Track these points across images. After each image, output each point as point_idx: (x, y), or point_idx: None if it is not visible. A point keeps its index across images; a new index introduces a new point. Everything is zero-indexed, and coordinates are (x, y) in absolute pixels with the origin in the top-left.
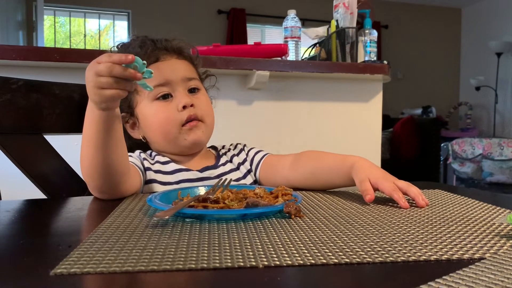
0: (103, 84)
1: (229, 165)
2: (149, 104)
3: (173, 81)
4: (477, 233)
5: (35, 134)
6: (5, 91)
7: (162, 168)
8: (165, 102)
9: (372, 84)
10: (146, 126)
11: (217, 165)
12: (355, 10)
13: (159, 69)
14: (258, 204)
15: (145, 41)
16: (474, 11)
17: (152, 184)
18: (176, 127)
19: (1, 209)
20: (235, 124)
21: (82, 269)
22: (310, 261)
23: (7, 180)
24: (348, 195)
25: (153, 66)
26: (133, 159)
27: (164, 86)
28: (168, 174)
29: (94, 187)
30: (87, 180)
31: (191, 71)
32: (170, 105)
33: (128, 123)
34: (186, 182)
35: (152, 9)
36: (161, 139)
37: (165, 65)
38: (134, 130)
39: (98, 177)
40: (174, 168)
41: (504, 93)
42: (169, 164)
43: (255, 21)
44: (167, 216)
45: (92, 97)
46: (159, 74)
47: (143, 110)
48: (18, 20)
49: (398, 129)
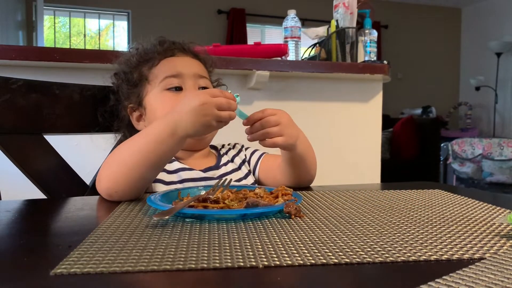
0: (221, 118)
1: (231, 165)
2: (159, 94)
3: (185, 74)
4: (477, 233)
5: (35, 134)
6: (5, 91)
7: (166, 167)
8: (174, 93)
9: (372, 84)
10: (152, 116)
11: (219, 165)
12: (355, 10)
13: (173, 61)
14: (258, 204)
15: (165, 39)
16: (474, 11)
17: (156, 183)
18: None
19: (1, 209)
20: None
21: (82, 269)
22: (310, 261)
23: (7, 180)
24: (348, 195)
25: (168, 60)
26: None
27: (175, 78)
28: (171, 173)
29: (112, 191)
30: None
31: (204, 71)
32: (179, 97)
33: (134, 112)
34: (189, 182)
35: (152, 9)
36: None
37: (179, 59)
38: (139, 122)
39: (127, 187)
40: (178, 167)
41: (504, 93)
42: (172, 163)
43: (255, 21)
44: (167, 216)
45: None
46: (172, 66)
47: (152, 100)
48: (18, 20)
49: (398, 129)
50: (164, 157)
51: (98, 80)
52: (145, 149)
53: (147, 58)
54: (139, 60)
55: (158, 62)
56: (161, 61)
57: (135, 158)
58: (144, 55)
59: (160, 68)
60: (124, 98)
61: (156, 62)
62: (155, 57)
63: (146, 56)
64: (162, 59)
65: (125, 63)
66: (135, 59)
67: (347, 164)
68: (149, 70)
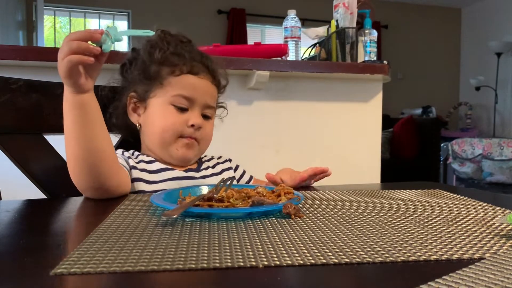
0: (66, 53)
1: (211, 170)
2: (164, 104)
3: (197, 101)
4: (477, 233)
5: (35, 134)
6: (5, 91)
7: (147, 167)
8: (178, 111)
9: (372, 84)
10: (151, 120)
11: (199, 169)
12: (355, 10)
13: (193, 83)
14: (264, 203)
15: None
16: (474, 11)
17: (138, 183)
18: (175, 135)
19: (1, 209)
20: (235, 124)
21: (82, 269)
22: (310, 261)
23: (7, 180)
24: (348, 195)
25: (189, 77)
26: (118, 158)
27: (186, 100)
28: (153, 173)
29: (83, 185)
30: (76, 179)
31: (214, 100)
32: (181, 116)
33: (132, 102)
34: (171, 181)
35: (152, 9)
36: (156, 139)
37: (199, 82)
38: (134, 113)
39: (84, 171)
40: (159, 167)
41: (504, 93)
42: (154, 163)
43: (255, 21)
44: (175, 214)
45: (62, 73)
46: (191, 87)
47: (157, 106)
48: (18, 20)
49: (398, 129)
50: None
51: (98, 80)
52: (67, 127)
53: (171, 62)
54: (163, 59)
55: (180, 73)
56: (182, 75)
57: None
58: (170, 56)
59: (179, 81)
60: (130, 82)
61: (178, 73)
62: (180, 66)
63: (172, 58)
64: (185, 73)
65: (149, 53)
66: (160, 56)
67: (347, 164)
68: (168, 75)
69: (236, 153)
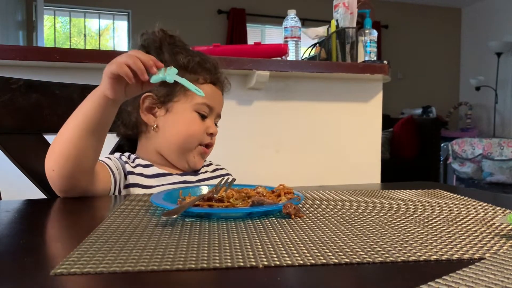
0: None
1: (209, 173)
2: (189, 110)
3: (215, 111)
4: (477, 233)
5: (35, 134)
6: (5, 91)
7: (144, 172)
8: (201, 119)
9: (372, 84)
10: (173, 124)
11: (197, 173)
12: (355, 10)
13: (214, 93)
14: (264, 203)
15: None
16: (474, 11)
17: (134, 188)
18: (197, 142)
19: (1, 209)
20: (235, 124)
21: (82, 269)
22: (310, 261)
23: (7, 180)
24: (348, 195)
25: (211, 87)
26: (111, 161)
27: (208, 108)
28: (150, 178)
29: (50, 170)
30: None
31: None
32: (203, 124)
33: (146, 102)
34: (168, 185)
35: (152, 9)
36: (177, 144)
37: (217, 94)
38: (150, 114)
39: (70, 160)
40: (156, 172)
41: (504, 93)
42: (151, 167)
43: (255, 21)
44: (176, 215)
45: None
46: (214, 96)
47: (181, 111)
48: (18, 20)
49: (398, 129)
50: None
51: (98, 80)
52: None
53: (197, 70)
54: (187, 65)
55: (204, 82)
56: (206, 84)
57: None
58: (197, 65)
59: (203, 90)
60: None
61: (202, 81)
62: (204, 75)
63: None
64: (208, 82)
65: (175, 56)
66: (186, 61)
67: (347, 164)
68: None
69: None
